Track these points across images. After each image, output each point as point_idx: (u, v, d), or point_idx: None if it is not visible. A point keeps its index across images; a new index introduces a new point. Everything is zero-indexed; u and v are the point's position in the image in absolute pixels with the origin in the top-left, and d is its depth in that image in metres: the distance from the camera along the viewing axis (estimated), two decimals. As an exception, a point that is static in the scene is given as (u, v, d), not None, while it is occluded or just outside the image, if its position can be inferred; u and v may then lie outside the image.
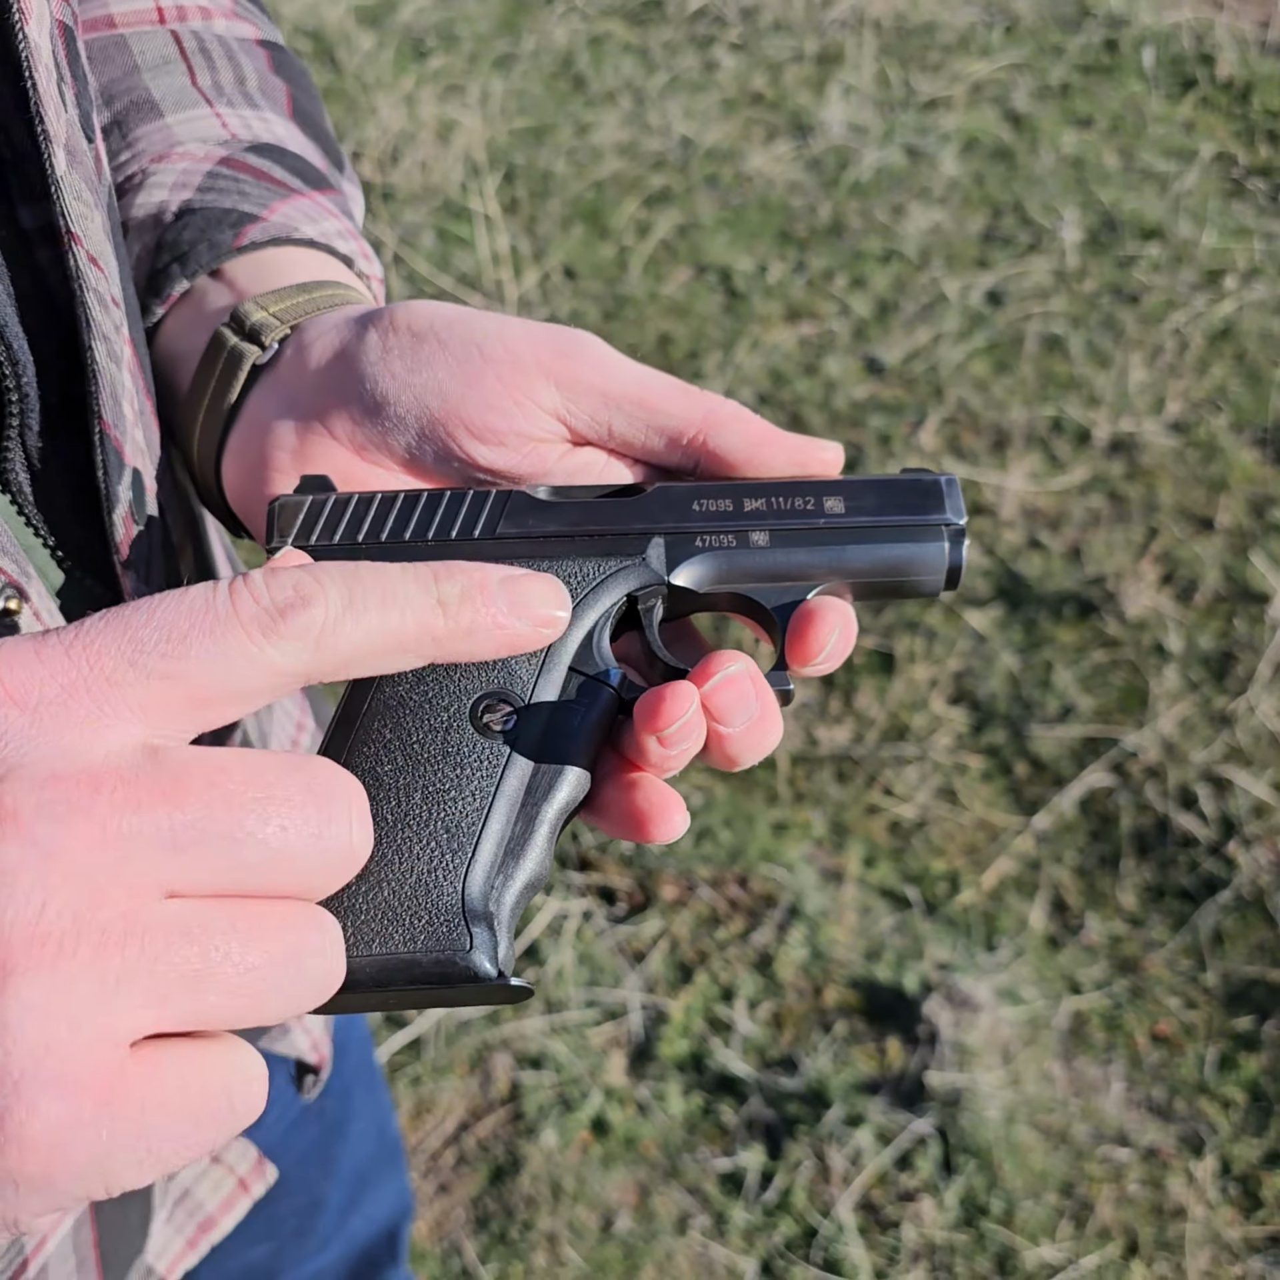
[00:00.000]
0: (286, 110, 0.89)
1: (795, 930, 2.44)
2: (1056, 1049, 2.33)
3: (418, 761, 0.56)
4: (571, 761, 0.57)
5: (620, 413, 0.63)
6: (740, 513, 0.62)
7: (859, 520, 0.63)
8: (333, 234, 0.80)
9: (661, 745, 0.56)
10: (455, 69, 4.54)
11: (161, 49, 0.86)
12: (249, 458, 0.68)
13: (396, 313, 0.65)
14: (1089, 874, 2.55)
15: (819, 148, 4.21)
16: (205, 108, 0.84)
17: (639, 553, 0.61)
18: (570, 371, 0.63)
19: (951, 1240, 2.12)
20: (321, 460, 0.65)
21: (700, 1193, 2.17)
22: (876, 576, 0.63)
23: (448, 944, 0.53)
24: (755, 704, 0.57)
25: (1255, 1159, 2.20)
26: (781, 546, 0.62)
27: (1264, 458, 3.26)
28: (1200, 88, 4.44)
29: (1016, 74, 4.53)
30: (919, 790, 2.66)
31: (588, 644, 0.59)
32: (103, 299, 0.65)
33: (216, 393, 0.70)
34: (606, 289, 3.73)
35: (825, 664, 0.60)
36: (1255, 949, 2.43)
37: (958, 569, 0.63)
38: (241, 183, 0.80)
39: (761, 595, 0.62)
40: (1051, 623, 2.91)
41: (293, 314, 0.71)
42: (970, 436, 3.32)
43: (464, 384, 0.63)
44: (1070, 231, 3.87)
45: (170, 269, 0.76)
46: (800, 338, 3.59)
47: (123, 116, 0.83)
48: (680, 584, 0.62)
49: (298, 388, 0.67)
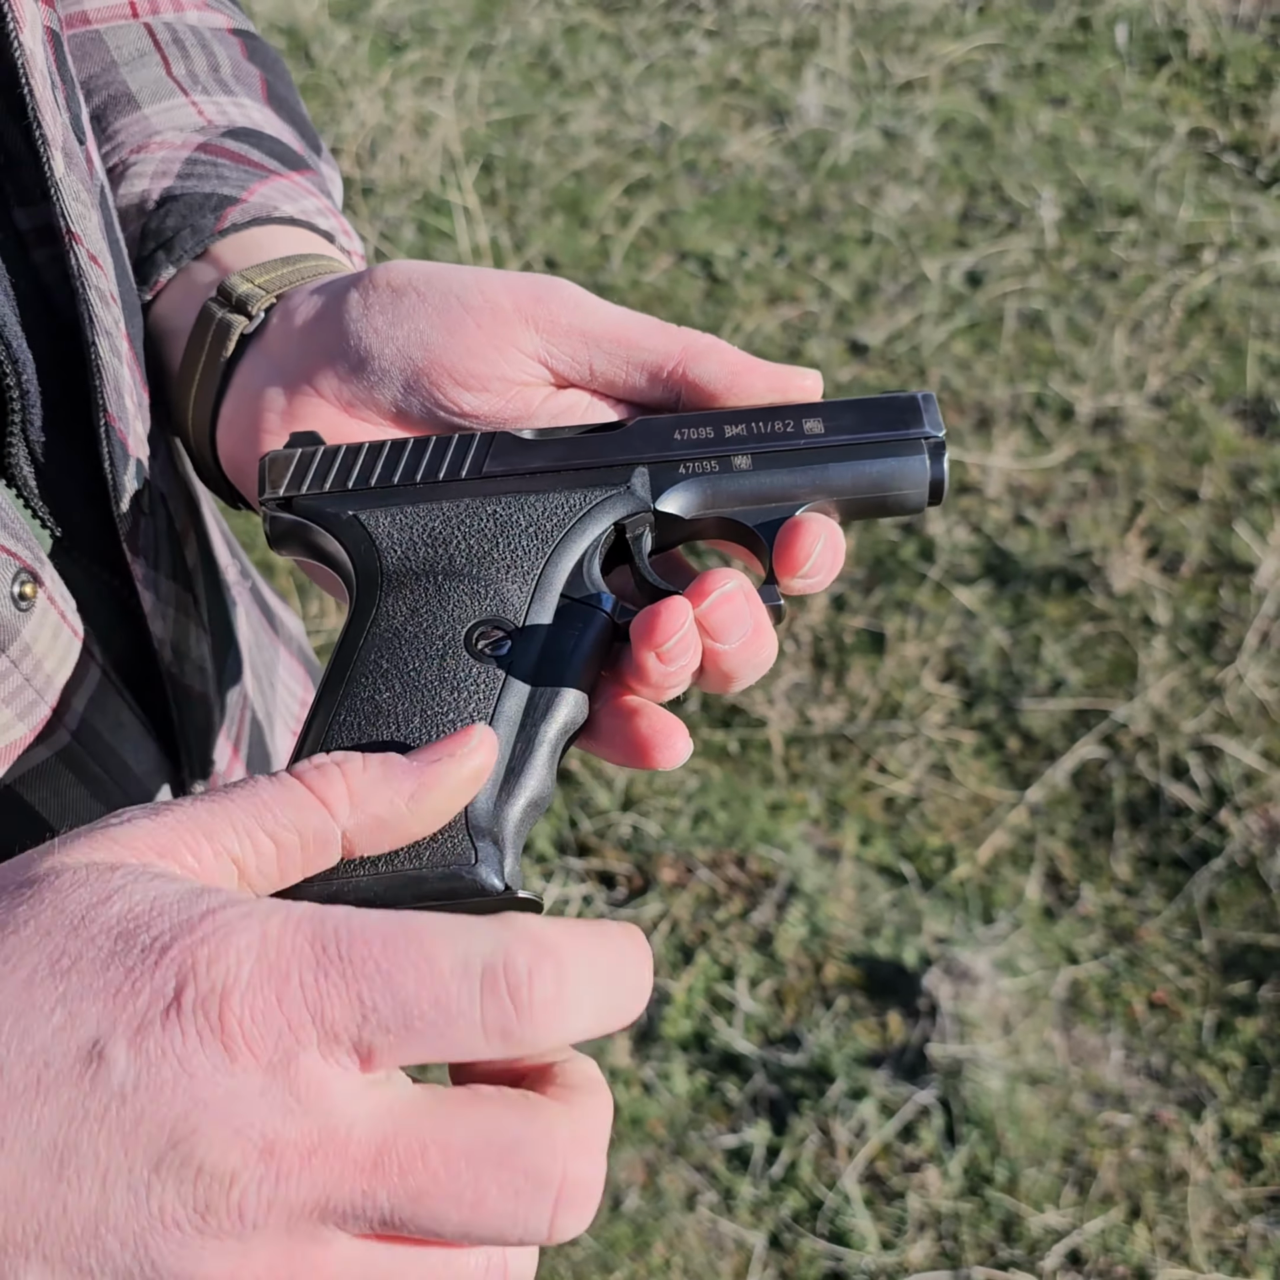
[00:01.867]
0: (261, 95, 0.90)
1: (794, 908, 2.46)
2: (1055, 1018, 2.36)
3: (415, 688, 0.57)
4: (568, 684, 0.58)
5: (600, 351, 0.64)
6: (721, 439, 0.63)
7: (839, 439, 0.63)
8: (312, 211, 0.82)
9: (660, 661, 0.56)
10: (431, 62, 4.54)
11: (136, 42, 0.87)
12: (241, 424, 0.69)
13: (376, 272, 0.66)
14: (1083, 845, 2.57)
15: (796, 132, 4.22)
16: (181, 97, 0.85)
17: (624, 482, 0.62)
18: (549, 315, 0.64)
19: (957, 1209, 2.15)
20: (311, 419, 0.66)
21: (707, 1169, 2.19)
22: (860, 493, 0.63)
23: (453, 859, 0.53)
24: (749, 619, 0.58)
25: (1254, 1121, 2.22)
26: (764, 469, 0.63)
27: (1245, 429, 3.28)
28: (1174, 64, 4.46)
29: (991, 54, 4.54)
30: (913, 767, 2.68)
31: (578, 571, 0.60)
32: (103, 295, 0.66)
33: (207, 365, 0.71)
34: (588, 278, 3.73)
35: (813, 576, 0.61)
36: (1249, 915, 2.46)
37: (940, 482, 0.64)
38: (220, 167, 0.81)
39: (747, 517, 0.63)
40: (1040, 598, 2.94)
41: (278, 284, 0.72)
42: (954, 415, 3.34)
43: (445, 333, 0.64)
44: (1048, 210, 3.89)
45: (156, 256, 0.78)
46: (783, 321, 3.60)
47: (102, 111, 0.84)
48: (666, 510, 0.62)
49: (284, 352, 0.68)
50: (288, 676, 1.03)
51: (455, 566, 0.60)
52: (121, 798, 0.69)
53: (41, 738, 0.62)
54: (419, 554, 0.60)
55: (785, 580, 0.61)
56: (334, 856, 0.48)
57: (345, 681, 0.58)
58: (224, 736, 0.82)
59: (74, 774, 0.65)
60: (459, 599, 0.59)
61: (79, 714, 0.65)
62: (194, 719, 0.75)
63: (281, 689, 1.00)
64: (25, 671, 0.60)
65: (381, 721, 0.56)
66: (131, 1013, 0.39)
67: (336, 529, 0.61)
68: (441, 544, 0.61)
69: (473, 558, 0.60)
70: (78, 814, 0.66)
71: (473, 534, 0.61)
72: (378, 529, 0.61)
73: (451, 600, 0.59)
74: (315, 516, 0.62)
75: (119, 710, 0.68)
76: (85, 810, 0.67)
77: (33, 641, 0.60)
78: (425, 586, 0.60)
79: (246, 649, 0.92)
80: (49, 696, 0.62)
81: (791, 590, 0.61)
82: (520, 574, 0.60)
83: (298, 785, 0.47)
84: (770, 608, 0.61)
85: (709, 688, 0.61)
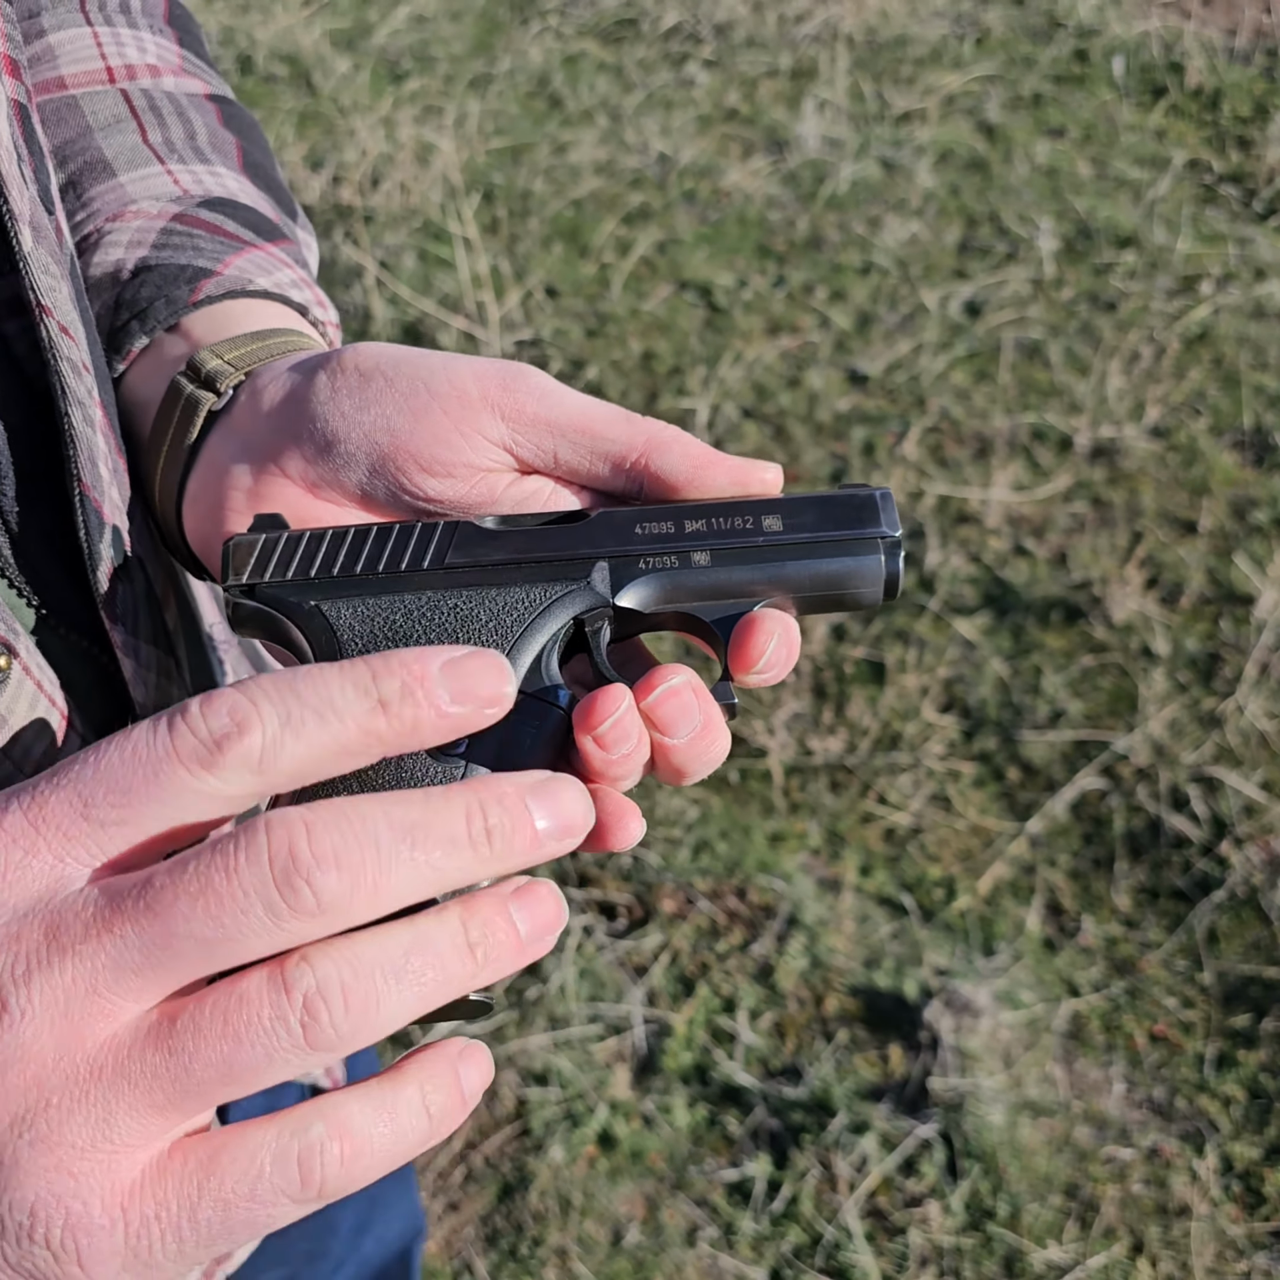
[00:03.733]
0: (237, 163, 0.90)
1: (794, 940, 2.46)
2: (1057, 1051, 2.35)
3: (372, 789, 0.57)
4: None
5: (565, 440, 0.65)
6: (682, 534, 0.64)
7: (797, 537, 0.65)
8: (286, 284, 0.82)
9: (599, 746, 0.57)
10: (432, 90, 4.57)
11: (113, 108, 0.87)
12: (207, 500, 0.70)
13: (344, 355, 0.67)
14: (1083, 876, 2.57)
15: (795, 162, 4.25)
16: (157, 165, 0.86)
17: (584, 576, 0.63)
18: (515, 403, 0.64)
19: (959, 1244, 2.14)
20: (276, 499, 0.67)
21: (708, 1204, 2.18)
22: (816, 590, 0.65)
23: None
24: (699, 715, 0.59)
25: (1257, 1155, 2.22)
26: (723, 565, 0.64)
27: (1243, 460, 3.29)
28: (1170, 96, 4.49)
29: (989, 85, 4.57)
30: (913, 798, 2.68)
31: (536, 667, 0.61)
32: (75, 366, 0.66)
33: (175, 439, 0.72)
34: (588, 307, 3.75)
35: (768, 672, 0.62)
36: (1250, 947, 2.45)
37: (895, 579, 0.65)
38: (196, 238, 0.81)
39: (705, 612, 0.64)
40: (1039, 628, 2.94)
41: (247, 360, 0.72)
42: (953, 445, 3.35)
43: (411, 419, 0.64)
44: (1046, 240, 3.91)
45: (129, 326, 0.78)
46: (782, 351, 3.62)
47: (77, 177, 0.84)
48: (625, 605, 0.63)
49: (251, 430, 0.69)
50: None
51: None
52: None
53: None
54: (380, 646, 0.61)
55: (739, 676, 0.62)
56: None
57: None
58: None
59: None
60: None
61: None
62: None
63: None
64: (0, 744, 0.60)
65: None
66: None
67: (298, 618, 0.62)
68: (403, 637, 0.61)
69: None
70: None
71: (433, 628, 0.61)
72: (339, 620, 0.62)
73: None
74: (277, 605, 0.63)
75: None
76: None
77: (8, 713, 0.60)
78: None
79: None
80: (27, 769, 0.62)
81: (746, 684, 0.62)
82: None
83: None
84: (724, 706, 0.62)
85: (663, 780, 0.62)
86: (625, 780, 0.59)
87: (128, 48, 0.91)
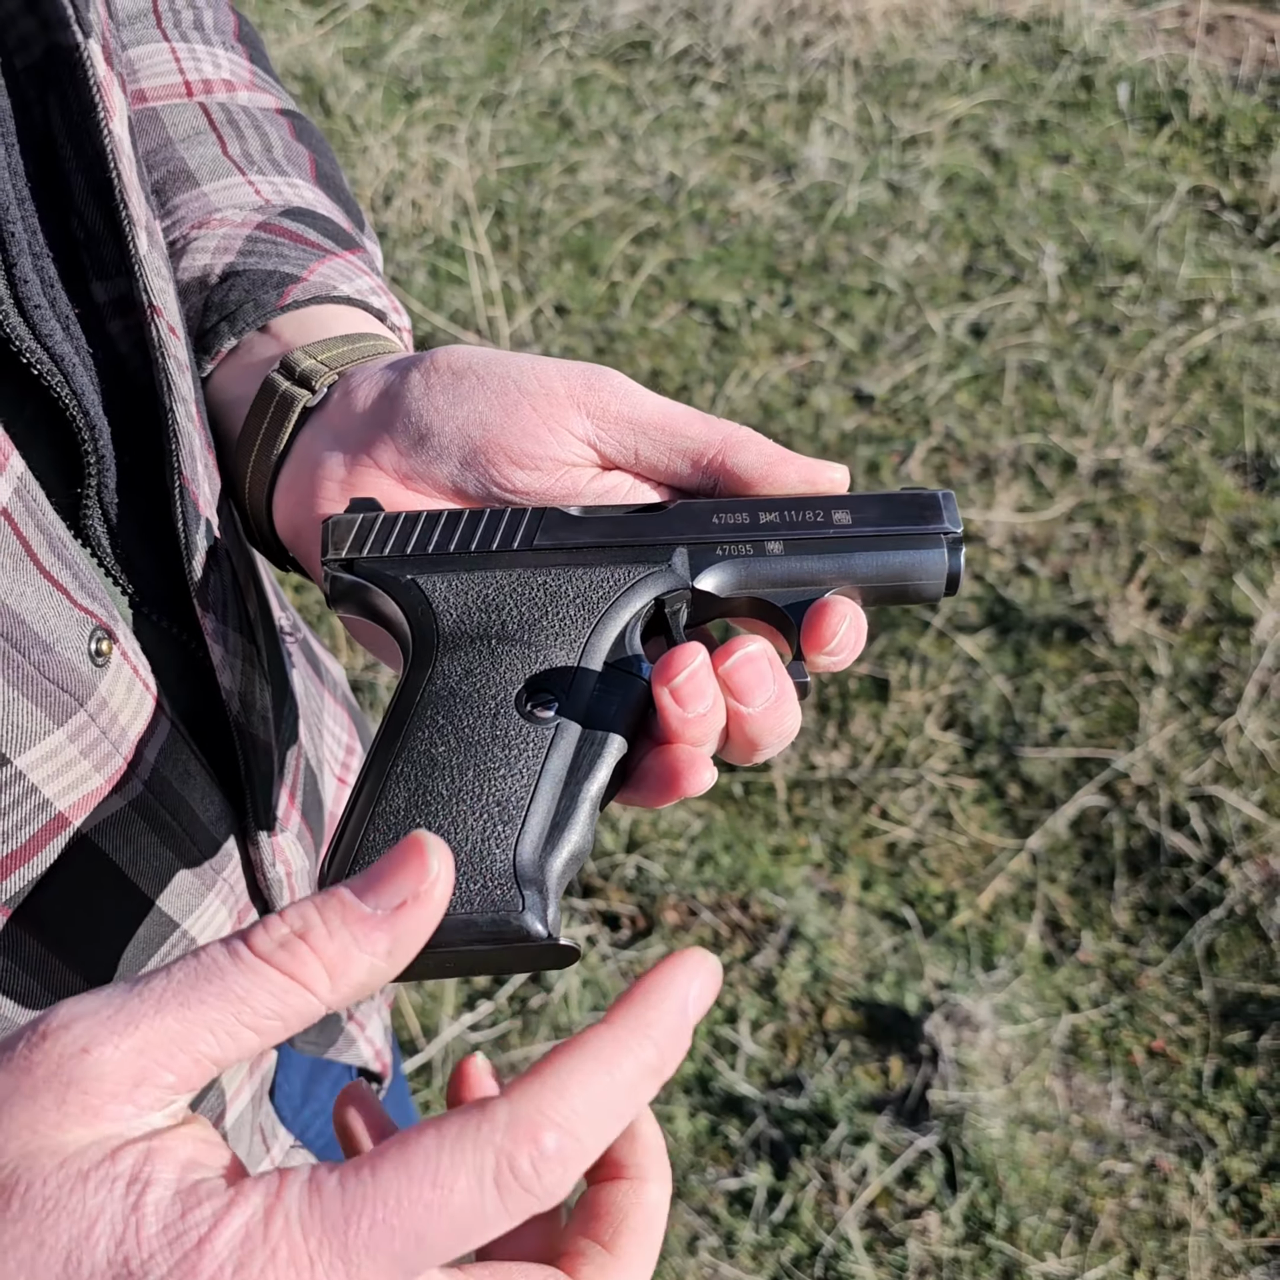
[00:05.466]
0: (310, 175, 0.94)
1: (796, 952, 2.48)
2: (1056, 1066, 2.37)
3: (469, 743, 0.60)
4: (609, 745, 0.62)
5: (645, 437, 0.68)
6: (756, 525, 0.67)
7: (865, 530, 0.68)
8: (366, 290, 0.85)
9: (676, 701, 0.59)
10: (444, 110, 4.61)
11: (192, 121, 0.91)
12: (299, 490, 0.73)
13: (437, 355, 0.70)
14: (1083, 893, 2.59)
15: (803, 184, 4.29)
16: (238, 176, 0.89)
17: (665, 560, 0.66)
18: (599, 402, 0.68)
19: (957, 1256, 2.15)
20: (369, 489, 0.70)
21: (709, 1212, 2.20)
22: (882, 581, 0.67)
23: (502, 905, 0.57)
24: (774, 685, 0.61)
25: (1254, 1171, 2.23)
26: (795, 554, 0.67)
27: (1245, 483, 3.33)
28: (1174, 123, 4.54)
29: (995, 111, 4.62)
30: (915, 813, 2.70)
31: (621, 641, 0.64)
32: (180, 364, 0.70)
33: (268, 434, 0.74)
34: (597, 325, 3.78)
35: (839, 654, 0.64)
36: (1248, 965, 2.47)
37: (956, 574, 0.68)
38: (280, 246, 0.85)
39: (777, 598, 0.67)
40: (1041, 647, 2.97)
41: (339, 361, 0.76)
42: (957, 466, 3.38)
43: (503, 414, 0.68)
44: (1051, 264, 3.95)
45: (219, 328, 0.81)
46: (789, 370, 3.65)
47: (161, 186, 0.88)
48: (703, 588, 0.66)
49: (345, 425, 0.72)
50: (333, 723, 1.06)
51: (507, 631, 0.63)
52: (189, 845, 0.72)
53: (116, 788, 0.65)
54: (473, 618, 0.64)
55: (812, 656, 0.65)
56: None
57: (402, 735, 0.61)
58: (284, 784, 0.84)
59: (146, 822, 0.68)
60: (510, 662, 0.63)
61: (151, 765, 0.67)
62: (259, 768, 0.78)
63: (328, 735, 1.02)
64: (102, 725, 0.63)
65: (437, 773, 0.60)
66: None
67: (395, 591, 0.65)
68: (495, 610, 0.64)
69: (524, 624, 0.64)
70: (147, 859, 0.69)
71: (524, 602, 0.64)
72: (434, 593, 0.65)
73: (504, 663, 0.63)
74: (375, 579, 0.65)
75: (188, 761, 0.71)
76: (154, 856, 0.69)
77: (109, 696, 0.63)
78: (479, 649, 0.63)
79: (299, 698, 0.95)
80: (123, 749, 0.65)
81: (817, 667, 0.65)
82: (568, 641, 0.63)
83: (270, 970, 0.44)
84: (796, 684, 0.64)
85: (735, 756, 0.64)
86: (702, 745, 0.61)
87: (204, 63, 0.95)
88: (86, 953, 0.68)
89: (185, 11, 0.97)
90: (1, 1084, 0.41)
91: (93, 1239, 0.39)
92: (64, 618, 0.60)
